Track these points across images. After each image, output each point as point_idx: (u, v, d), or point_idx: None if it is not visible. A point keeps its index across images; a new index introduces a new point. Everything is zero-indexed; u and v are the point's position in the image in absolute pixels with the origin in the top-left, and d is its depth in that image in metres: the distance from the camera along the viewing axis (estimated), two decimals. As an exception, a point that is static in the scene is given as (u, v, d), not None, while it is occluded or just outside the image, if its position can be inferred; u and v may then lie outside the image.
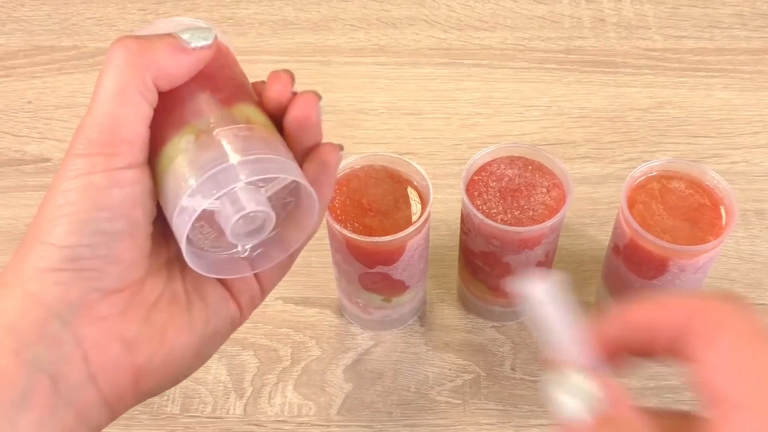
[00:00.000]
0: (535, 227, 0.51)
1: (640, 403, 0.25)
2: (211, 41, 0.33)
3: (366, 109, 0.73)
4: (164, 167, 0.32)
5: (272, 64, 0.41)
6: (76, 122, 0.32)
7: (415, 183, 0.53)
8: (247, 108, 0.34)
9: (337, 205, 0.51)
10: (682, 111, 0.72)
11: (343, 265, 0.53)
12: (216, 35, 0.33)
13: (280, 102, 0.34)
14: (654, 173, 0.53)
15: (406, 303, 0.56)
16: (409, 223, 0.51)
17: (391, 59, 0.78)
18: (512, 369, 0.58)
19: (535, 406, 0.56)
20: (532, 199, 0.52)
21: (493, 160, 0.54)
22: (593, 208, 0.66)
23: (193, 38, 0.32)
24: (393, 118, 0.73)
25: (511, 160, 0.54)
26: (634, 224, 0.50)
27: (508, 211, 0.52)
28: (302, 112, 0.34)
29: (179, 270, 0.35)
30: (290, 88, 0.34)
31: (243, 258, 0.36)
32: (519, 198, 0.52)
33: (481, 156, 0.54)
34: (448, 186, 0.66)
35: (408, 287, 0.55)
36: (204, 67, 0.33)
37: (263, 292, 0.38)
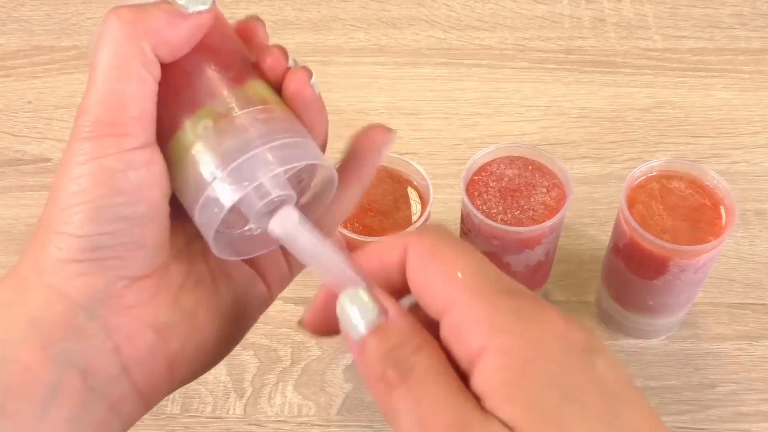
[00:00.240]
0: (535, 227, 0.51)
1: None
2: (209, 5, 0.30)
3: (366, 109, 0.73)
4: (180, 154, 0.31)
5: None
6: (77, 122, 0.31)
7: (415, 183, 0.53)
8: (259, 86, 0.32)
9: (337, 205, 0.51)
10: (682, 111, 0.72)
11: (343, 265, 0.53)
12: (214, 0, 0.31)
13: (275, 77, 0.33)
14: (654, 173, 0.53)
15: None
16: (409, 223, 0.51)
17: (391, 59, 0.78)
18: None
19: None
20: (532, 199, 0.52)
21: (493, 160, 0.54)
22: (593, 208, 0.66)
23: (189, 3, 0.30)
24: (393, 118, 0.73)
25: (511, 160, 0.54)
26: (634, 224, 0.50)
27: (508, 211, 0.52)
28: (295, 88, 0.32)
29: (200, 251, 0.33)
30: (284, 63, 0.32)
31: (260, 234, 0.34)
32: (519, 198, 0.53)
33: (481, 156, 0.54)
34: (448, 186, 0.66)
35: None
36: (206, 38, 0.31)
37: (291, 270, 0.36)
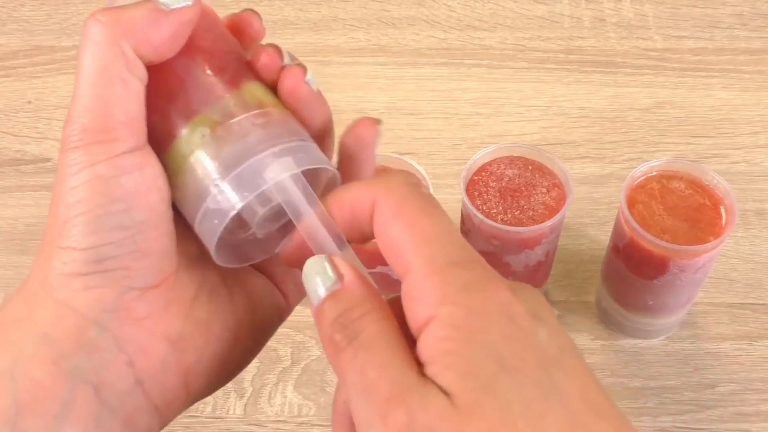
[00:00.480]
0: (535, 227, 0.51)
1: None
2: (191, 1, 0.29)
3: (366, 109, 0.73)
4: (178, 163, 0.30)
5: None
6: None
7: (415, 183, 0.53)
8: (255, 88, 0.31)
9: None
10: (682, 111, 0.72)
11: (343, 265, 0.53)
12: None
13: (270, 77, 0.32)
14: (654, 173, 0.53)
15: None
16: (409, 223, 0.51)
17: (391, 59, 0.78)
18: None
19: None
20: (532, 199, 0.52)
21: (493, 160, 0.54)
22: (593, 208, 0.66)
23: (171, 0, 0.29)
24: (393, 118, 0.73)
25: (511, 160, 0.54)
26: (634, 224, 0.50)
27: (508, 211, 0.52)
28: (289, 86, 0.31)
29: (213, 261, 0.32)
30: (278, 61, 0.32)
31: (265, 239, 0.33)
32: (519, 198, 0.53)
33: (481, 156, 0.54)
34: (448, 186, 0.66)
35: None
36: (197, 39, 0.31)
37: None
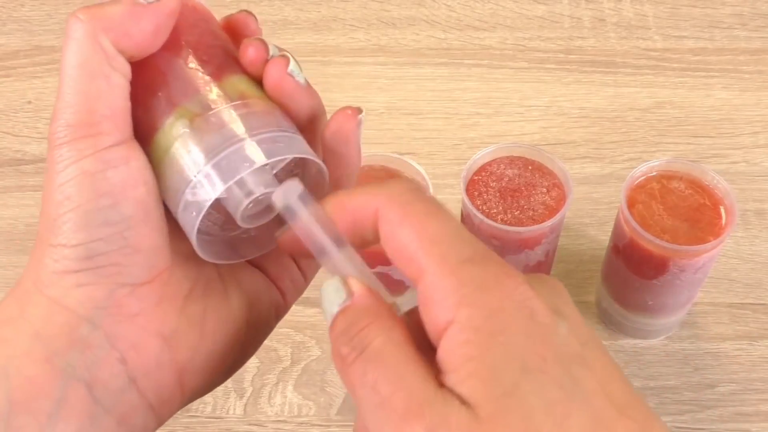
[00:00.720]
0: (535, 227, 0.51)
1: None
2: None
3: (366, 109, 0.73)
4: (159, 157, 0.30)
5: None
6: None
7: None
8: (238, 80, 0.31)
9: (337, 205, 0.51)
10: (682, 111, 0.72)
11: (343, 265, 0.53)
12: None
13: (257, 71, 0.32)
14: (654, 173, 0.53)
15: (406, 303, 0.56)
16: (409, 223, 0.51)
17: (391, 59, 0.78)
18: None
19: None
20: (532, 199, 0.52)
21: (493, 160, 0.54)
22: (593, 208, 0.66)
23: None
24: (393, 118, 0.73)
25: (511, 160, 0.54)
26: (634, 224, 0.50)
27: (508, 211, 0.52)
28: (272, 79, 0.31)
29: None
30: (264, 55, 0.31)
31: (257, 235, 0.33)
32: (519, 198, 0.53)
33: (481, 156, 0.54)
34: (448, 186, 0.66)
35: (408, 287, 0.55)
36: (182, 34, 0.31)
37: (305, 276, 0.35)
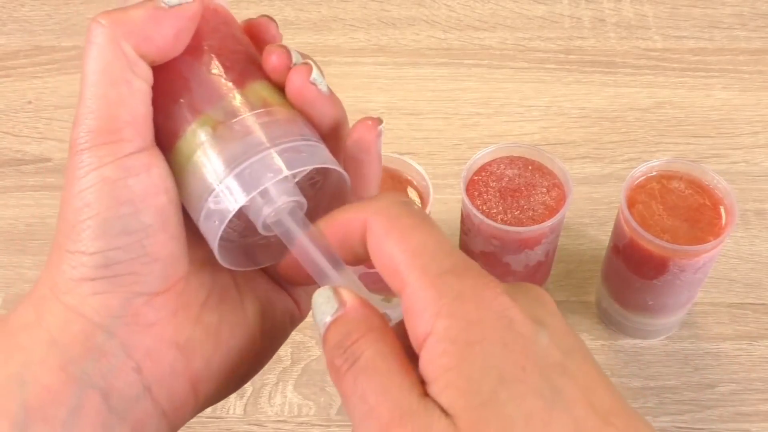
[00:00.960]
0: (535, 227, 0.51)
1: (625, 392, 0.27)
2: None
3: (366, 109, 0.73)
4: (181, 164, 0.30)
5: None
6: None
7: (415, 183, 0.53)
8: (261, 87, 0.31)
9: (337, 205, 0.51)
10: (682, 111, 0.72)
11: (343, 265, 0.53)
12: None
13: (280, 78, 0.31)
14: (654, 173, 0.53)
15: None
16: (409, 223, 0.51)
17: (391, 59, 0.78)
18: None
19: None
20: (532, 199, 0.52)
21: (493, 160, 0.54)
22: (593, 208, 0.66)
23: None
24: (393, 118, 0.73)
25: (511, 160, 0.54)
26: (634, 224, 0.50)
27: (508, 211, 0.52)
28: (294, 87, 0.31)
29: None
30: (287, 62, 0.31)
31: (275, 242, 0.32)
32: (519, 198, 0.53)
33: (481, 156, 0.54)
34: (448, 186, 0.66)
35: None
36: (204, 39, 0.30)
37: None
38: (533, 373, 0.24)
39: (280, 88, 0.31)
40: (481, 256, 0.54)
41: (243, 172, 0.29)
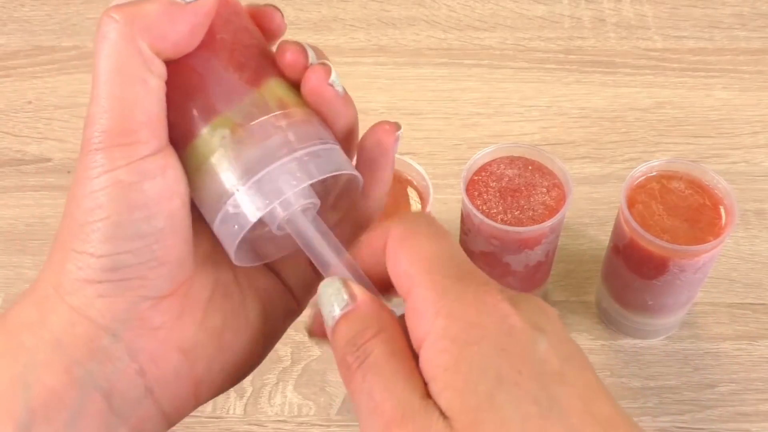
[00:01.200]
0: (535, 227, 0.51)
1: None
2: None
3: (366, 109, 0.73)
4: (196, 165, 0.29)
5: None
6: (77, 122, 0.30)
7: (415, 183, 0.53)
8: (277, 86, 0.30)
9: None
10: (682, 111, 0.72)
11: (343, 265, 0.53)
12: None
13: (294, 76, 0.31)
14: (654, 173, 0.53)
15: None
16: (409, 223, 0.51)
17: (391, 59, 0.78)
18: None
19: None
20: (532, 199, 0.52)
21: (493, 160, 0.54)
22: (593, 208, 0.66)
23: None
24: (393, 119, 0.72)
25: (511, 160, 0.54)
26: (634, 224, 0.50)
27: (508, 211, 0.52)
28: (312, 87, 0.30)
29: (226, 259, 0.31)
30: (303, 60, 0.30)
31: (281, 236, 0.32)
32: (519, 198, 0.53)
33: (481, 156, 0.54)
34: (448, 186, 0.66)
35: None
36: (218, 32, 0.29)
37: (320, 279, 0.35)
38: (529, 379, 0.24)
39: (294, 85, 0.31)
40: (481, 256, 0.54)
41: (264, 178, 0.28)
